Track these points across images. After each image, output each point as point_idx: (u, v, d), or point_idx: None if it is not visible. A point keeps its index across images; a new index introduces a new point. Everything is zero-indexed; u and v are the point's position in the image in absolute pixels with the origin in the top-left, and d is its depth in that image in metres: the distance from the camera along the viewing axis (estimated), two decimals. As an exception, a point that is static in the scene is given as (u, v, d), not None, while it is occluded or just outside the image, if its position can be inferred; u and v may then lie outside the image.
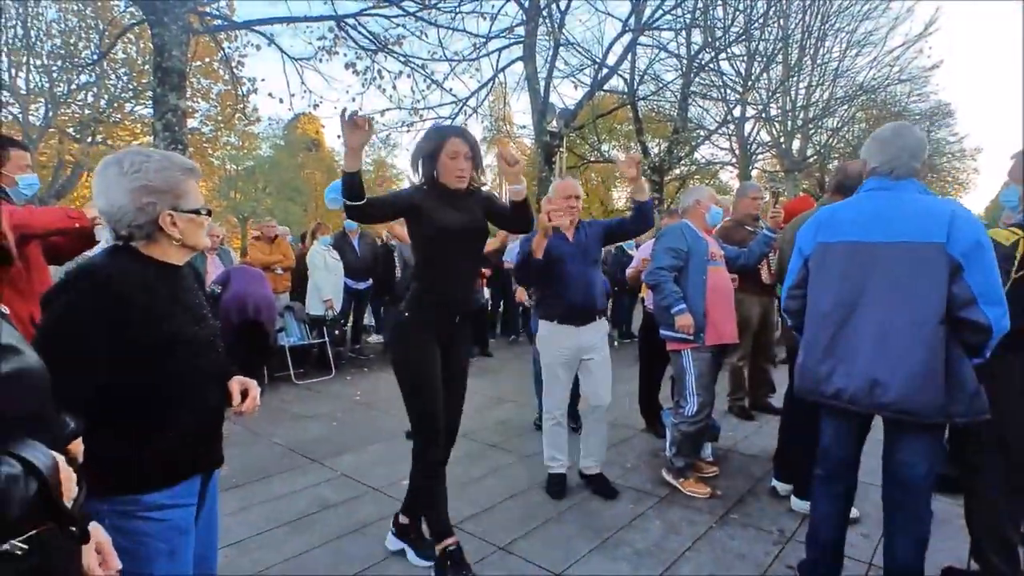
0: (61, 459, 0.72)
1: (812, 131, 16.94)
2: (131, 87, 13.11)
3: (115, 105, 13.16)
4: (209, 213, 1.39)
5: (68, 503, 0.70)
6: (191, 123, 13.96)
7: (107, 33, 11.05)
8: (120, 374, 1.19)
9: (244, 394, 1.46)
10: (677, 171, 16.46)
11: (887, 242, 1.86)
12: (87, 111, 13.03)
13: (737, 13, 12.14)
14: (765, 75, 14.91)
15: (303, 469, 3.49)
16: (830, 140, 17.08)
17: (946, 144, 20.35)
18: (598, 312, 3.02)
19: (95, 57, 11.28)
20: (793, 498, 2.92)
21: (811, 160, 16.95)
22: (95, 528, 0.87)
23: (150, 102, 7.24)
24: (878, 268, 1.87)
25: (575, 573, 2.37)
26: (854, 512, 2.64)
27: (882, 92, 16.62)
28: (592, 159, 16.49)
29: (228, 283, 5.10)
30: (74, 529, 0.73)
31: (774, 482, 3.10)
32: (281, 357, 5.75)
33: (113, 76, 12.99)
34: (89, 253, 2.86)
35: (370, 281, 6.89)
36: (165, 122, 5.86)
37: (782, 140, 16.37)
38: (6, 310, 0.70)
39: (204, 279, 5.53)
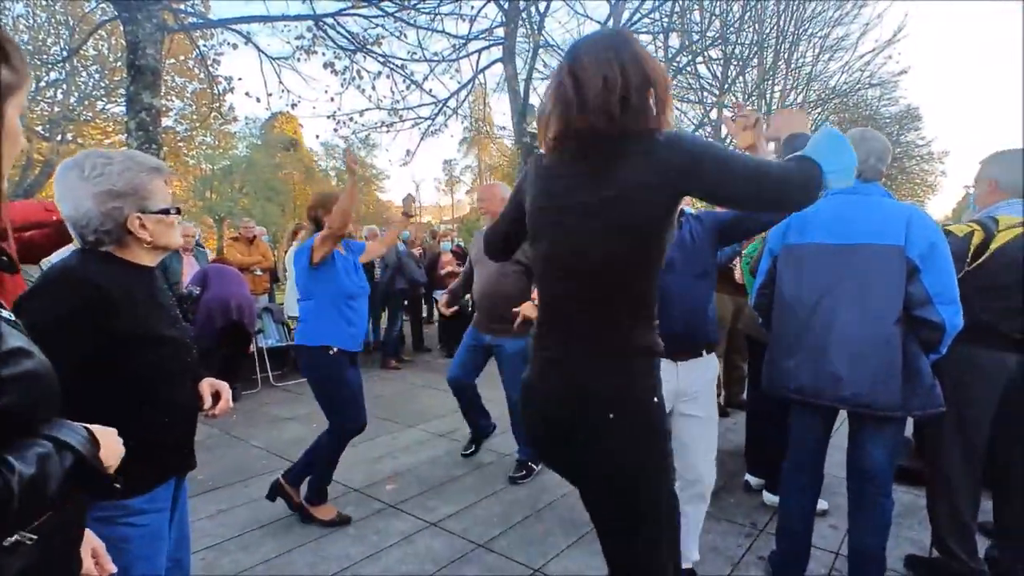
0: (100, 429, 0.78)
1: (787, 134, 17.23)
2: (103, 84, 12.82)
3: (86, 103, 12.87)
4: (179, 212, 1.36)
5: (110, 468, 0.77)
6: (165, 122, 13.72)
7: (77, 29, 10.80)
8: (99, 376, 1.17)
9: (216, 396, 1.44)
10: (656, 172, 16.61)
11: (851, 244, 1.94)
12: (56, 109, 12.71)
13: (713, 17, 12.37)
14: (741, 78, 15.17)
15: (282, 471, 3.47)
16: (804, 143, 17.40)
17: (915, 147, 20.93)
18: (706, 344, 2.14)
19: (65, 54, 11.01)
20: (765, 492, 3.01)
21: (786, 162, 17.27)
22: (88, 534, 0.89)
23: (123, 100, 7.12)
24: (842, 269, 1.95)
25: (553, 569, 2.42)
26: (823, 504, 2.74)
27: (854, 96, 17.05)
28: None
29: (207, 283, 5.03)
30: (118, 486, 0.79)
31: (747, 476, 3.19)
32: (259, 359, 5.70)
33: (84, 73, 12.69)
34: (60, 252, 2.82)
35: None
36: (139, 121, 5.75)
37: (758, 142, 16.63)
38: (12, 316, 0.72)
39: (180, 279, 5.45)
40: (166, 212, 1.30)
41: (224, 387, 1.47)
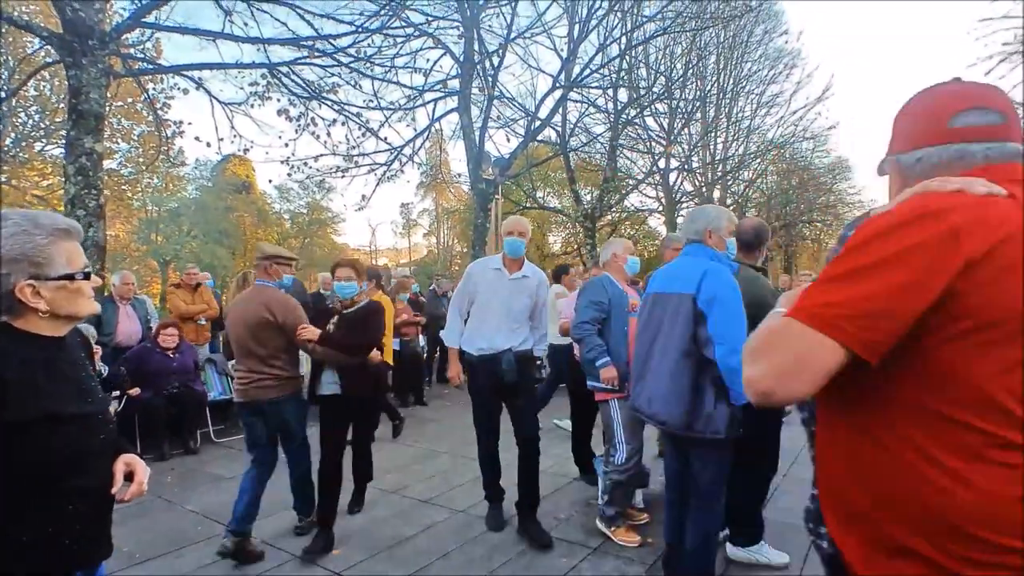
0: None
1: (730, 182, 18.26)
2: (43, 126, 12.40)
3: (23, 144, 12.38)
4: (87, 276, 1.21)
5: None
6: (110, 164, 13.30)
7: (18, 70, 10.47)
8: None
9: (130, 476, 1.30)
10: (608, 217, 17.16)
11: (667, 292, 2.41)
12: (-10, 150, 12.17)
13: (658, 74, 13.15)
14: (686, 130, 16.07)
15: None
16: (746, 191, 18.50)
17: (847, 195, 22.33)
18: None
19: (3, 95, 10.62)
20: (728, 545, 2.87)
21: (731, 208, 18.21)
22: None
23: (63, 142, 6.86)
24: (661, 311, 2.41)
25: (507, 636, 2.31)
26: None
27: (789, 148, 18.29)
28: (527, 205, 16.94)
29: None
30: None
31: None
32: (200, 413, 5.40)
33: (23, 114, 12.26)
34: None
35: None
36: (79, 166, 5.55)
37: (704, 190, 17.51)
38: None
39: (114, 331, 5.17)
40: (70, 278, 1.17)
41: (139, 466, 1.31)
